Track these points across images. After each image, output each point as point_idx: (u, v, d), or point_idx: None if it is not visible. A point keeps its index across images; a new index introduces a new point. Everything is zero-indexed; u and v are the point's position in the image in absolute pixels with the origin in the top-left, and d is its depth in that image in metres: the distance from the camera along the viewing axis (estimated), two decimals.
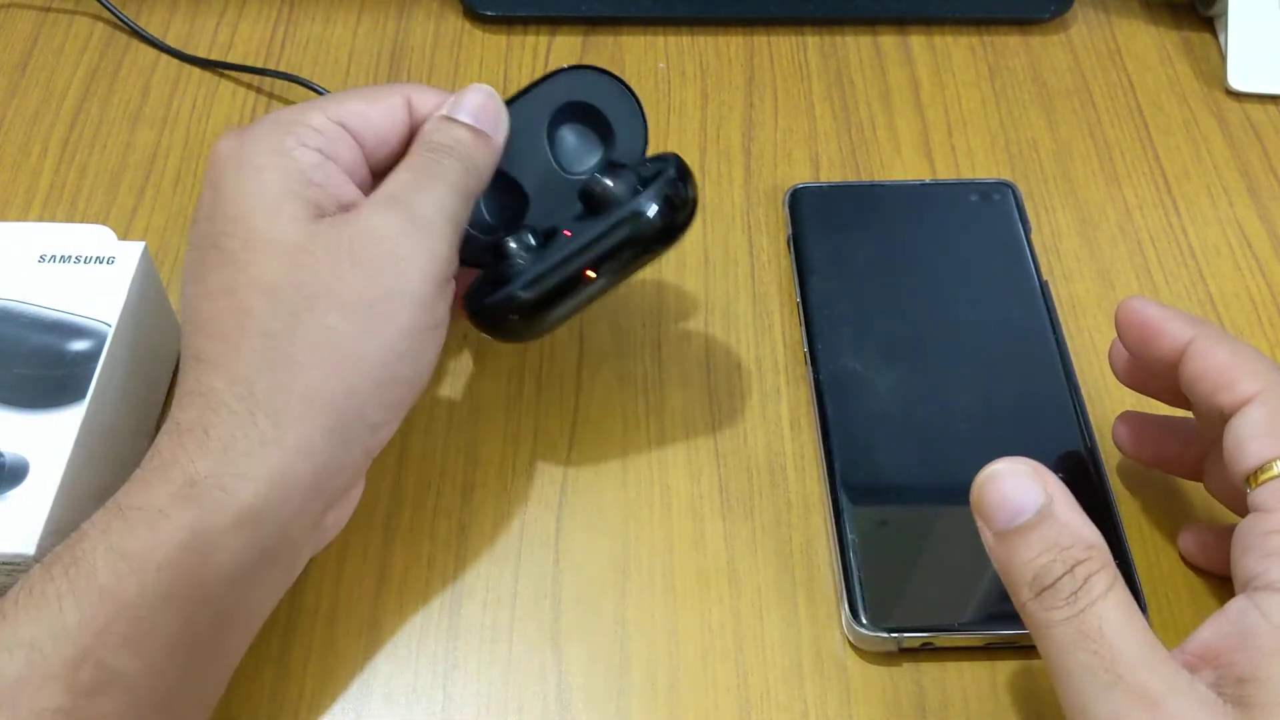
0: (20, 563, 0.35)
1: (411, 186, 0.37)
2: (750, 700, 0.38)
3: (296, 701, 0.38)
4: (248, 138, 0.37)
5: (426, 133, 0.39)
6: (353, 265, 0.35)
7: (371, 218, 0.36)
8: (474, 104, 0.40)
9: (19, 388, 0.38)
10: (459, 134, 0.39)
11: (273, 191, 0.36)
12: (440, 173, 0.38)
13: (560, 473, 0.44)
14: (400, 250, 0.36)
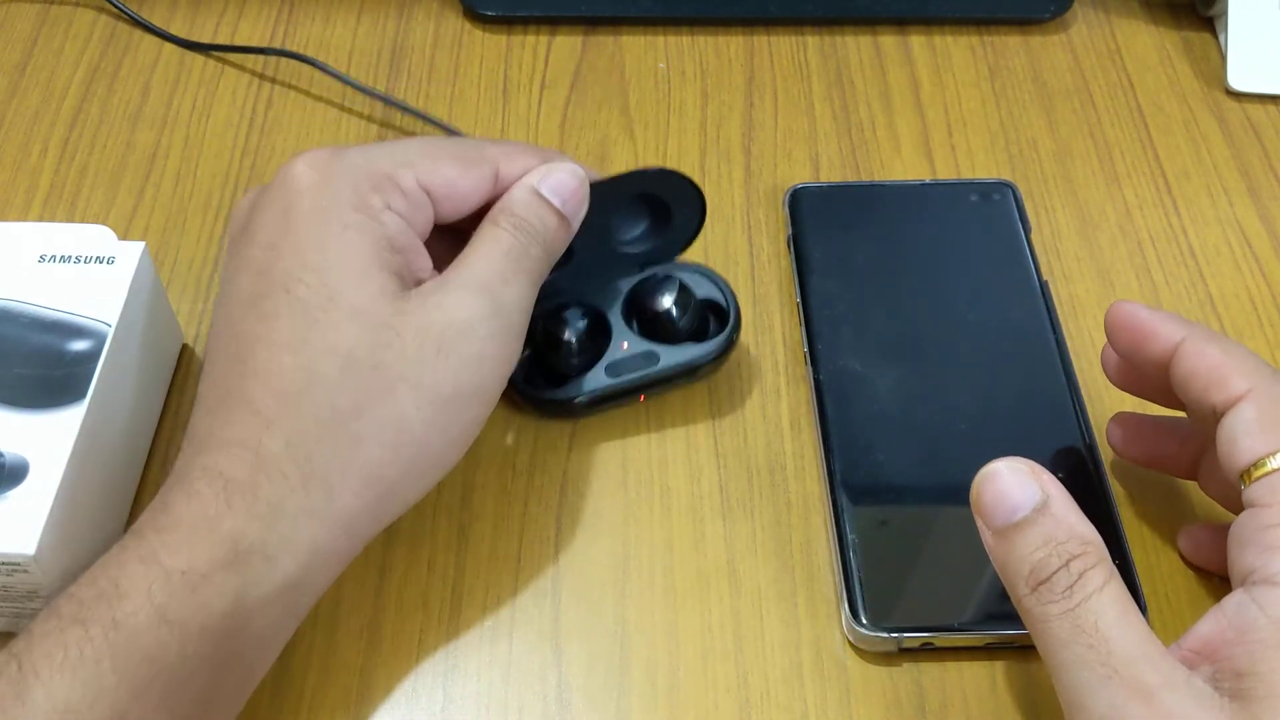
0: (20, 562, 0.35)
1: (501, 277, 0.37)
2: (750, 700, 0.38)
3: (296, 701, 0.38)
4: (334, 179, 0.36)
5: (515, 203, 0.38)
6: (438, 356, 0.35)
7: (462, 308, 0.36)
8: (566, 187, 0.39)
9: (19, 388, 0.38)
10: (548, 219, 0.39)
11: (360, 256, 0.35)
12: (528, 264, 0.38)
13: (560, 473, 0.44)
14: (487, 350, 0.36)
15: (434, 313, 0.35)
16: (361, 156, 0.37)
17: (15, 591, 0.36)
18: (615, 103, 0.56)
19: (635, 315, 0.44)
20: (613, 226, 0.44)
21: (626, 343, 0.43)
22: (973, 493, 0.34)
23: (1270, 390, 0.35)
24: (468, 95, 0.56)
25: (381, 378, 0.34)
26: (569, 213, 0.39)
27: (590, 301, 0.44)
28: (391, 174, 0.37)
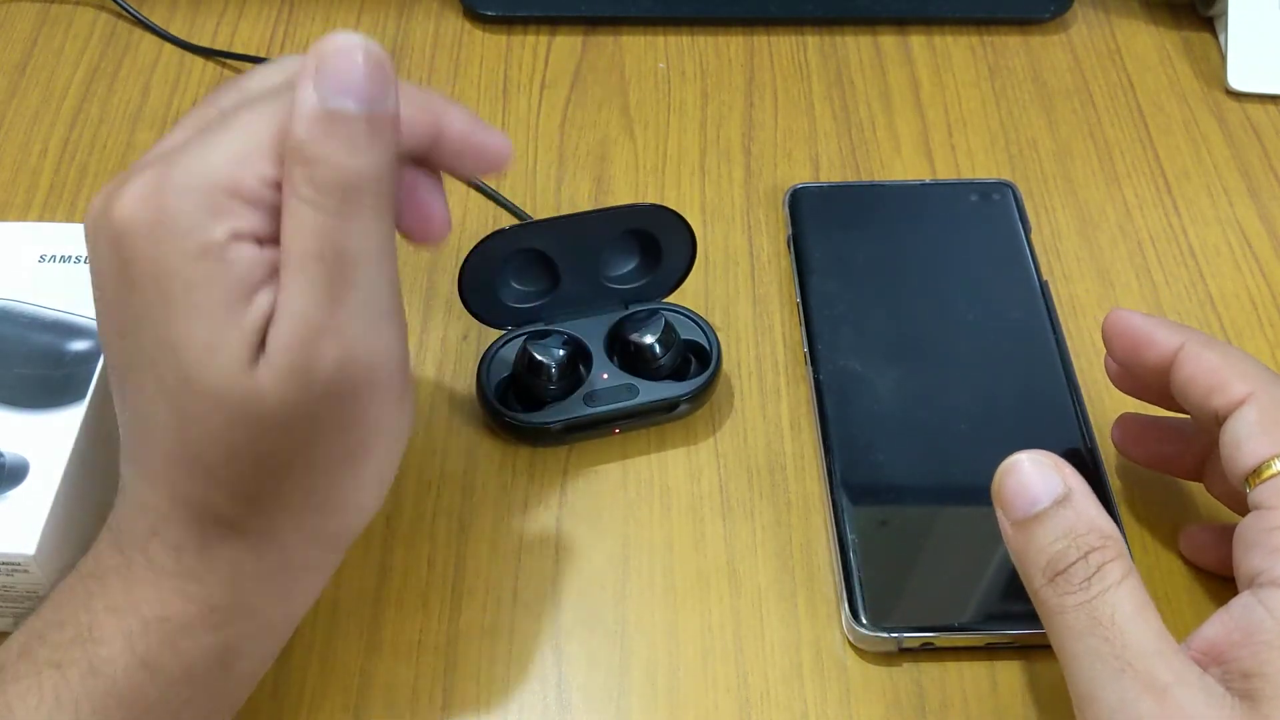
0: (20, 562, 0.35)
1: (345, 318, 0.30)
2: (750, 700, 0.38)
3: (296, 701, 0.38)
4: (167, 218, 0.29)
5: (303, 144, 0.29)
6: (316, 429, 0.31)
7: (316, 373, 0.30)
8: (354, 75, 0.29)
9: (19, 388, 0.38)
10: (359, 144, 0.29)
11: (209, 322, 0.29)
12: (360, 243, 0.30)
13: (560, 473, 0.44)
14: (366, 407, 0.31)
15: (287, 386, 0.30)
16: (194, 169, 0.29)
17: (15, 591, 0.36)
18: (615, 103, 0.56)
19: (617, 348, 0.44)
20: (601, 260, 0.44)
21: (606, 374, 0.43)
22: (994, 483, 0.35)
23: (1271, 393, 0.35)
24: (468, 95, 0.56)
25: (272, 465, 0.31)
26: (378, 110, 0.29)
27: (573, 330, 0.44)
28: (232, 182, 0.29)
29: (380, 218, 0.30)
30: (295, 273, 0.29)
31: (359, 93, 0.29)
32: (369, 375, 0.31)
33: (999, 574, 0.40)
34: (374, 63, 0.29)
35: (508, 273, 0.44)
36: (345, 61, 0.29)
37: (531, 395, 0.43)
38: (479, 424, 0.45)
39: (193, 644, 0.31)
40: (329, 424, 0.31)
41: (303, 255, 0.29)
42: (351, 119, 0.29)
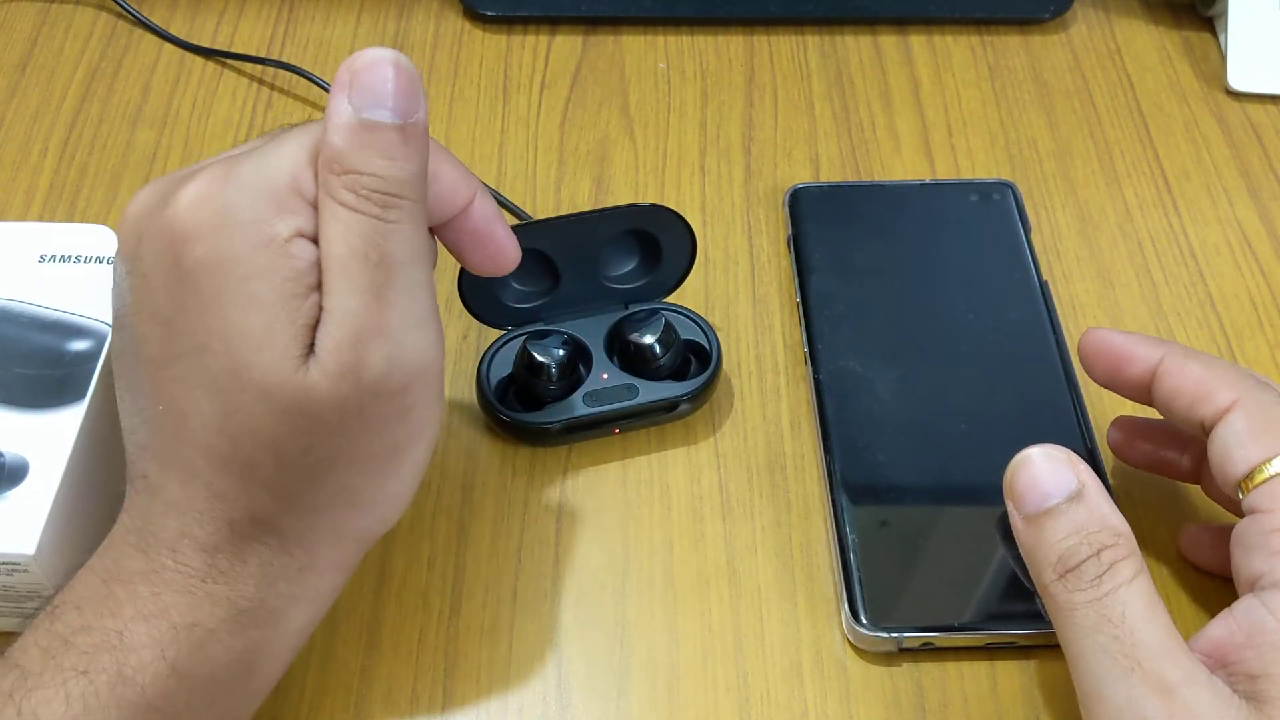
0: (20, 562, 0.35)
1: (374, 304, 0.30)
2: (750, 700, 0.38)
3: (297, 701, 0.38)
4: (229, 213, 0.30)
5: (339, 152, 0.30)
6: (361, 426, 0.31)
7: (367, 371, 0.31)
8: (384, 86, 0.30)
9: (19, 388, 0.38)
10: (393, 152, 0.30)
11: (265, 314, 0.30)
12: (399, 247, 0.31)
13: (560, 473, 0.44)
14: (406, 400, 0.32)
15: (340, 384, 0.30)
16: (257, 168, 0.31)
17: (15, 591, 0.36)
18: (615, 103, 0.56)
19: (618, 348, 0.44)
20: (601, 259, 0.44)
21: (606, 374, 0.43)
22: (1006, 476, 0.35)
23: (1256, 398, 0.35)
24: (468, 95, 0.56)
25: (314, 461, 0.31)
26: (409, 119, 0.31)
27: (573, 330, 0.44)
28: (295, 181, 0.31)
29: (417, 223, 0.31)
30: (340, 276, 0.30)
31: (392, 104, 0.30)
32: (415, 374, 0.32)
33: (999, 574, 0.40)
34: (405, 76, 0.31)
35: (508, 283, 0.44)
36: (377, 74, 0.30)
37: (531, 395, 0.43)
38: (479, 424, 0.45)
39: (220, 649, 0.32)
40: (376, 422, 0.31)
41: (347, 258, 0.30)
42: (386, 129, 0.30)
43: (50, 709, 0.30)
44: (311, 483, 0.32)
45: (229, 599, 0.32)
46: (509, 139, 0.54)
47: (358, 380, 0.30)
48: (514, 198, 0.52)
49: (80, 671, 0.30)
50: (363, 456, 0.32)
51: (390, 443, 0.32)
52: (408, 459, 0.33)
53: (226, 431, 0.31)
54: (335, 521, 0.33)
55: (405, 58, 0.31)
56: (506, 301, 0.44)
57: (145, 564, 0.31)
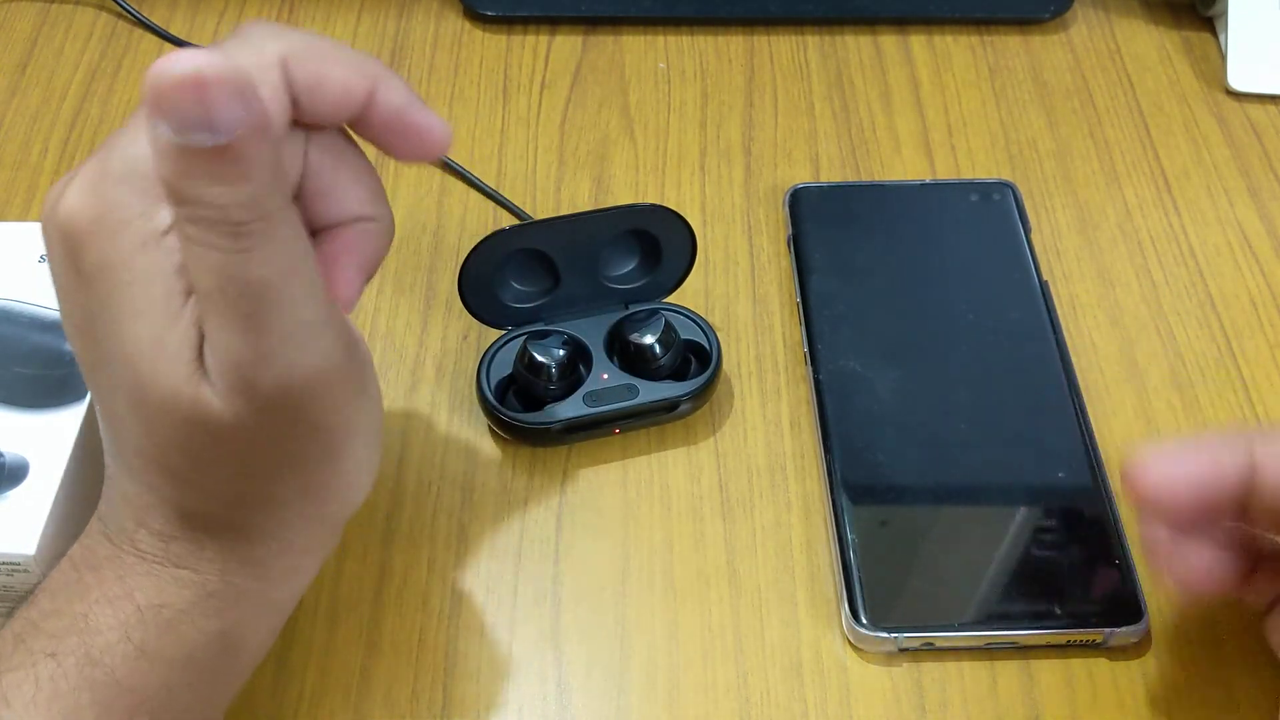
0: (20, 563, 0.35)
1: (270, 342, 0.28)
2: (750, 700, 0.38)
3: (296, 701, 0.38)
4: (109, 211, 0.28)
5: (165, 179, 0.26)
6: (278, 439, 0.30)
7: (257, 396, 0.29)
8: (192, 107, 0.25)
9: (19, 388, 0.38)
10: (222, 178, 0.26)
11: (153, 320, 0.28)
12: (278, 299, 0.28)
13: (560, 473, 0.44)
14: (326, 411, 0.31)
15: (233, 405, 0.29)
16: (131, 154, 0.28)
17: (15, 591, 0.36)
18: (615, 103, 0.56)
19: (618, 348, 0.44)
20: (601, 259, 0.44)
21: (606, 374, 0.43)
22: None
23: None
24: (468, 95, 0.56)
25: (237, 468, 0.30)
26: (236, 132, 0.26)
27: (573, 330, 0.44)
28: None
29: (277, 238, 0.27)
30: (209, 309, 0.28)
31: (211, 122, 0.25)
32: (314, 385, 0.30)
33: (999, 574, 0.40)
34: (219, 85, 0.25)
35: (508, 273, 0.44)
36: (185, 92, 0.25)
37: (531, 395, 0.43)
38: (479, 424, 0.45)
39: (192, 629, 0.31)
40: (286, 434, 0.30)
41: (209, 291, 0.28)
42: (212, 152, 0.26)
43: (21, 691, 0.30)
44: (245, 483, 0.31)
45: (195, 582, 0.31)
46: (509, 139, 0.54)
47: (249, 403, 0.29)
48: (514, 198, 0.52)
49: (48, 654, 0.30)
50: (291, 461, 0.31)
51: (316, 446, 0.31)
52: (345, 454, 0.32)
53: (146, 436, 0.30)
54: (298, 512, 0.32)
55: (214, 58, 0.25)
56: (506, 301, 0.44)
57: (111, 550, 0.31)
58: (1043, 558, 0.40)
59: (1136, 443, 0.44)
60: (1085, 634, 0.39)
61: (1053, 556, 0.40)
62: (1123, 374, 0.46)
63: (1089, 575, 0.40)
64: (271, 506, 0.32)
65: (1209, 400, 0.46)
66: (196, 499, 0.31)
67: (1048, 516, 0.41)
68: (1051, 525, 0.41)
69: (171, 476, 0.31)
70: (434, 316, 0.48)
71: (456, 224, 0.51)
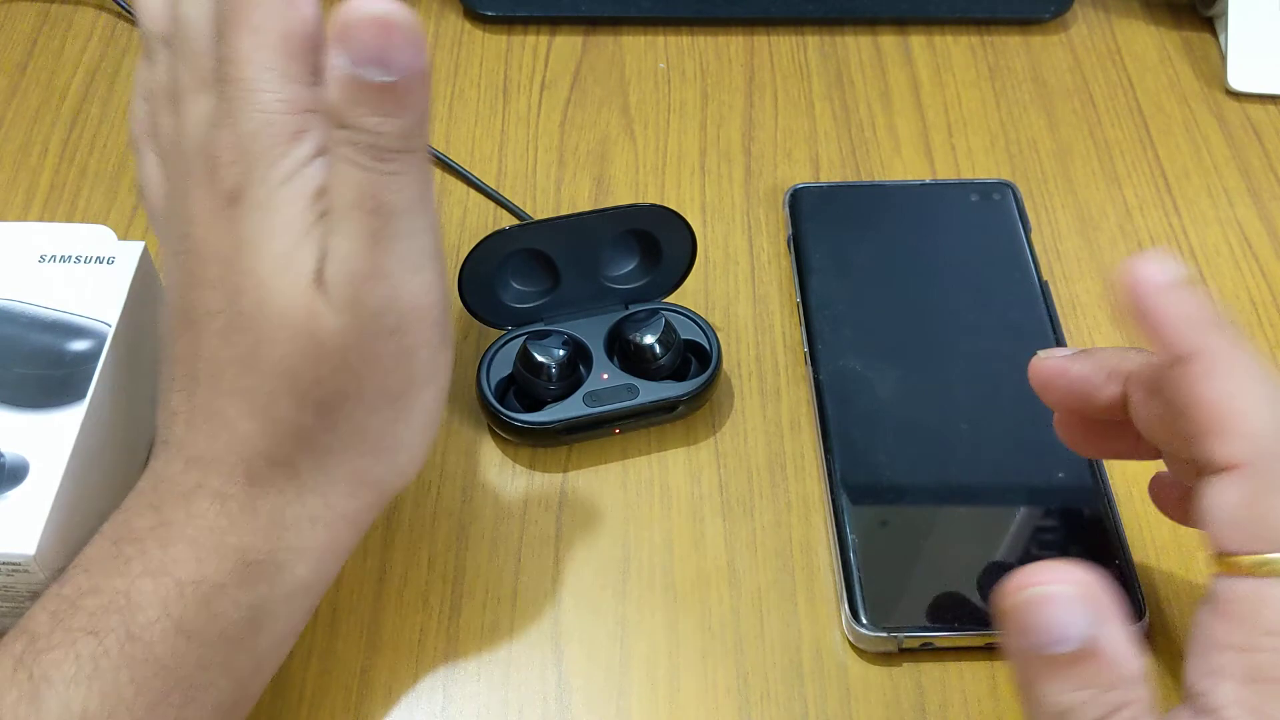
0: (20, 563, 0.35)
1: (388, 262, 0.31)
2: (750, 700, 0.38)
3: (296, 702, 0.38)
4: (250, 140, 0.31)
5: (339, 108, 0.30)
6: (366, 365, 0.32)
7: (364, 309, 0.31)
8: (375, 42, 0.29)
9: (19, 388, 0.38)
10: (387, 109, 0.30)
11: (283, 240, 0.31)
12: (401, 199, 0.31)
13: (560, 473, 0.44)
14: (413, 346, 0.33)
15: (342, 317, 0.31)
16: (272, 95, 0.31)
17: (15, 591, 0.36)
18: (615, 103, 0.56)
19: (618, 348, 0.44)
20: (601, 259, 0.44)
21: (606, 374, 0.43)
22: (1007, 600, 0.29)
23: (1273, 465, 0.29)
24: (468, 95, 0.56)
25: (326, 394, 0.32)
26: (404, 74, 0.30)
27: (573, 330, 0.44)
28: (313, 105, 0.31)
29: (415, 171, 0.31)
30: (342, 218, 0.31)
31: (387, 61, 0.29)
32: (413, 315, 0.32)
33: (999, 574, 0.40)
34: (399, 29, 0.29)
35: (508, 273, 0.44)
36: (369, 31, 0.29)
37: (531, 395, 0.43)
38: (479, 424, 0.45)
39: (228, 604, 0.32)
40: (379, 360, 0.32)
41: (346, 206, 0.31)
42: (380, 86, 0.30)
43: (61, 671, 0.30)
44: (324, 419, 0.32)
45: (237, 550, 0.32)
46: (509, 139, 0.54)
47: (356, 316, 0.31)
48: (514, 198, 0.52)
49: (89, 631, 0.30)
50: (371, 394, 0.32)
51: (397, 383, 0.33)
52: (417, 402, 0.34)
53: (253, 366, 0.32)
54: (350, 466, 0.33)
55: (401, 7, 0.29)
56: (506, 301, 0.44)
57: (156, 519, 0.32)
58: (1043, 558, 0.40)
59: None
60: None
61: (1053, 556, 0.40)
62: None
63: None
64: (334, 451, 0.33)
65: None
66: (276, 438, 0.32)
67: (1047, 516, 0.41)
68: (1051, 525, 0.41)
69: (263, 413, 0.32)
70: None
71: (456, 224, 0.51)
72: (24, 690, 0.30)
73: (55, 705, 0.29)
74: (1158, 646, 0.39)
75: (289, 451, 0.32)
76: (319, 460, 0.33)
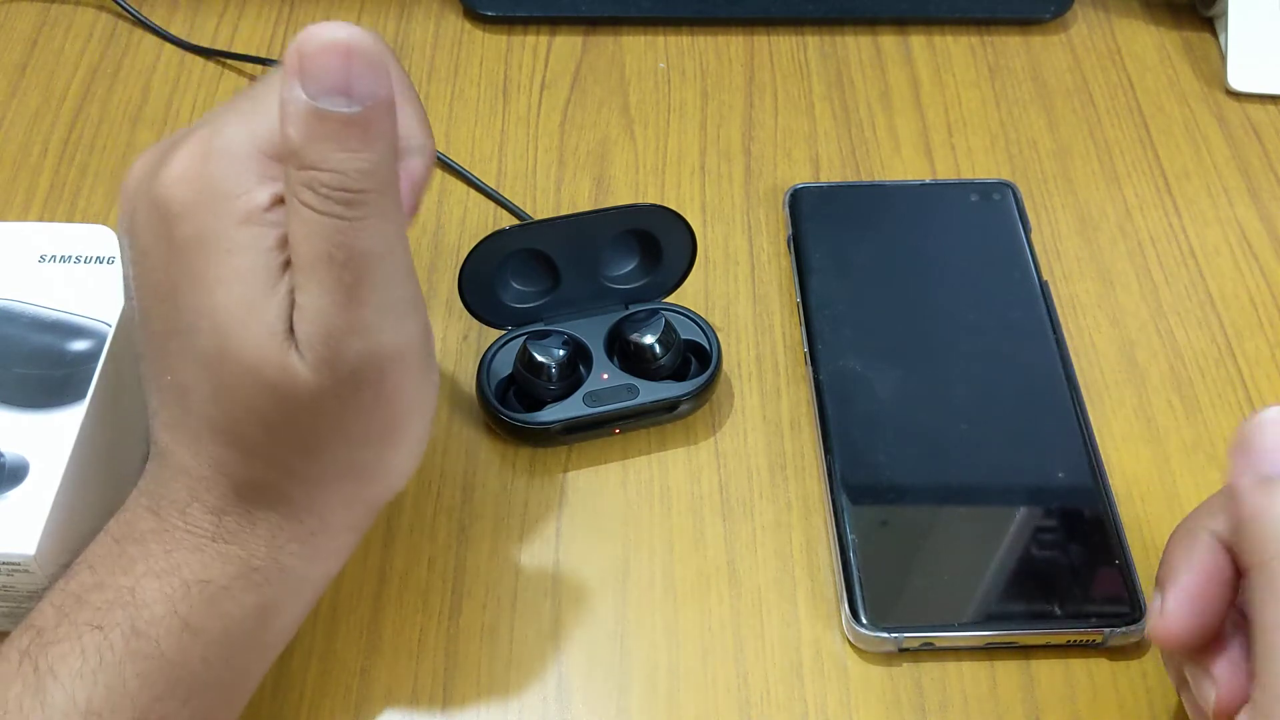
0: (20, 562, 0.35)
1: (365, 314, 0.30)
2: (750, 700, 0.38)
3: (297, 701, 0.38)
4: (211, 187, 0.29)
5: (296, 145, 0.28)
6: (347, 412, 0.31)
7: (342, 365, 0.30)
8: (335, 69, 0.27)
9: (19, 388, 0.38)
10: (349, 144, 0.28)
11: (247, 287, 0.29)
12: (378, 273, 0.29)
13: (560, 473, 0.44)
14: (395, 388, 0.32)
15: (317, 375, 0.30)
16: (239, 133, 0.30)
17: (15, 591, 0.36)
18: (615, 103, 0.56)
19: (618, 348, 0.44)
20: (601, 259, 0.44)
21: (606, 374, 0.43)
22: (1242, 431, 0.30)
23: None
24: (468, 95, 0.56)
25: (304, 437, 0.31)
26: (369, 103, 0.28)
27: (573, 330, 0.44)
28: (275, 149, 0.30)
29: (386, 212, 0.29)
30: (309, 274, 0.29)
31: (349, 89, 0.27)
32: (394, 363, 0.31)
33: (999, 574, 0.40)
34: (362, 55, 0.27)
35: (508, 273, 0.44)
36: (330, 58, 0.27)
37: (531, 395, 0.43)
38: (479, 424, 0.45)
39: (234, 605, 0.32)
40: (359, 407, 0.31)
41: (314, 259, 0.29)
42: (344, 118, 0.28)
43: (67, 664, 0.30)
44: (306, 457, 0.32)
45: (241, 558, 0.32)
46: (509, 139, 0.54)
47: (333, 374, 0.30)
48: (514, 198, 0.52)
49: (95, 626, 0.30)
50: (355, 435, 0.32)
51: (381, 422, 0.32)
52: (405, 434, 0.33)
53: (220, 405, 0.31)
54: (341, 491, 0.33)
55: (362, 31, 0.28)
56: (506, 301, 0.44)
57: (157, 524, 0.32)
58: (1042, 558, 0.40)
59: (1136, 443, 0.44)
60: (1085, 634, 0.39)
61: (1053, 556, 0.40)
62: (1123, 374, 0.46)
63: (1089, 575, 0.40)
64: (325, 481, 0.32)
65: (1209, 400, 0.46)
66: (259, 470, 0.31)
67: (1048, 516, 0.41)
68: (1051, 525, 0.41)
69: (239, 446, 0.31)
70: (434, 316, 0.48)
71: (456, 224, 0.51)
72: (29, 683, 0.30)
73: (60, 698, 0.30)
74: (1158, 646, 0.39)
75: (274, 480, 0.32)
76: (308, 490, 0.32)
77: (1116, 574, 0.40)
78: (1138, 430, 0.45)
